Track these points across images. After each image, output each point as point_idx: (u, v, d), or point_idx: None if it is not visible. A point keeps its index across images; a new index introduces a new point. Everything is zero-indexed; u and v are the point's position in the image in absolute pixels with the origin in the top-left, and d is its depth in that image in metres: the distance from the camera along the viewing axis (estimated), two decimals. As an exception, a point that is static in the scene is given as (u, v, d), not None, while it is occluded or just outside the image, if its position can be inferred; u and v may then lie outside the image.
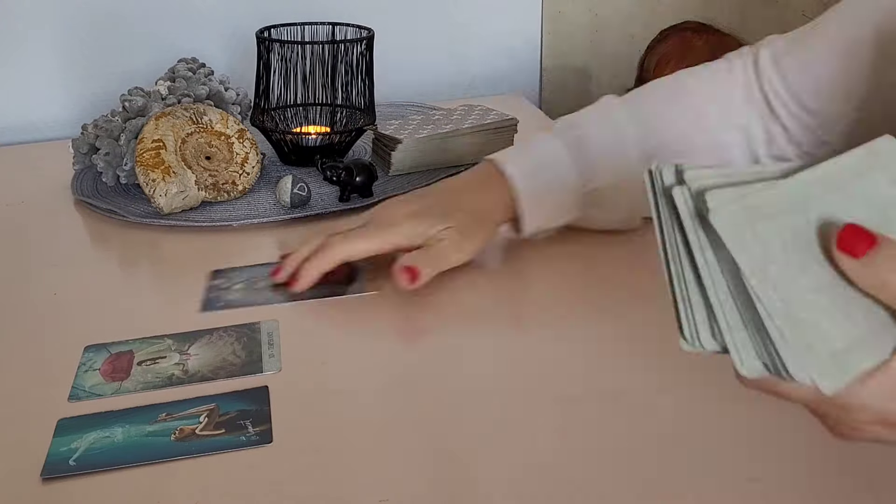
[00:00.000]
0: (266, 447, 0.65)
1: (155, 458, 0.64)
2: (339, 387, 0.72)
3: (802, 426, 0.52)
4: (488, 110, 1.21)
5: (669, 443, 0.64)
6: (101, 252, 1.01)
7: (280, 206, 1.04)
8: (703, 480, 0.60)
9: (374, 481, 0.61)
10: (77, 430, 0.67)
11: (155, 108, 1.10)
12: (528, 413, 0.68)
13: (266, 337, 0.78)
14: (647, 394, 0.70)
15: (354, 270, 0.87)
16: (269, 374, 0.73)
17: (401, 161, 1.12)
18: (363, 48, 1.14)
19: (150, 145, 1.02)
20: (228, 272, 0.89)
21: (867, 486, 0.59)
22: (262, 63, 1.14)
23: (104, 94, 1.35)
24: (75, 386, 0.72)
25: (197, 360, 0.76)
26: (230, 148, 1.06)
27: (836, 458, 0.61)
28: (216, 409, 0.69)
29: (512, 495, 0.60)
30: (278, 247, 0.98)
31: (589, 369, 0.74)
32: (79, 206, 1.08)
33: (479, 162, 0.90)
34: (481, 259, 0.87)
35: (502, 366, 0.75)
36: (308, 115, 1.17)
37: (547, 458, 0.63)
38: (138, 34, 1.38)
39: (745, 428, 0.65)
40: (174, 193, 1.01)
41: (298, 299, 0.84)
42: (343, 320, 0.83)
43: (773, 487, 0.59)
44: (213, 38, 1.40)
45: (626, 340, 0.77)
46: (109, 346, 0.78)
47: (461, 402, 0.70)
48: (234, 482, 0.62)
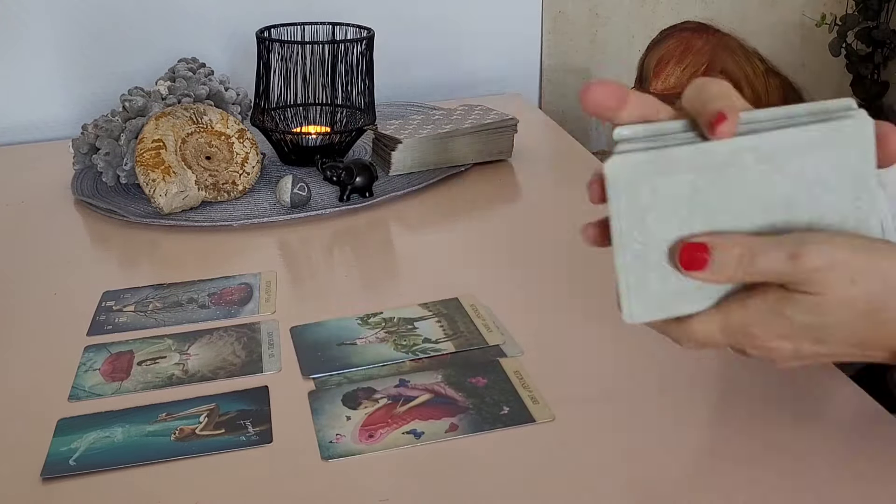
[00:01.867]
0: (266, 447, 0.65)
1: (155, 458, 0.64)
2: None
3: (802, 428, 0.52)
4: (488, 110, 1.21)
5: (670, 444, 0.64)
6: (101, 252, 1.01)
7: (280, 206, 1.04)
8: (703, 481, 0.60)
9: (374, 481, 0.61)
10: (77, 430, 0.67)
11: (155, 108, 1.10)
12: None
13: (266, 337, 0.78)
14: (646, 395, 0.70)
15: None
16: (269, 374, 0.73)
17: (401, 161, 1.12)
18: (363, 48, 1.14)
19: (150, 145, 1.02)
20: (120, 293, 0.87)
21: (868, 487, 0.59)
22: (262, 63, 1.14)
23: (104, 94, 1.35)
24: (75, 386, 0.72)
25: (197, 360, 0.76)
26: (230, 148, 1.06)
27: (837, 459, 0.62)
28: (216, 409, 0.69)
29: (512, 495, 0.60)
30: (278, 247, 0.98)
31: (589, 369, 0.74)
32: (79, 206, 1.08)
33: (478, 162, 0.89)
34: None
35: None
36: (308, 115, 1.17)
37: (547, 456, 0.63)
38: (138, 34, 1.38)
39: (746, 429, 0.65)
40: (174, 193, 1.01)
41: (192, 321, 0.83)
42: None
43: (773, 488, 0.59)
44: (213, 38, 1.40)
45: (626, 341, 0.78)
46: (109, 346, 0.78)
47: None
48: (234, 482, 0.62)
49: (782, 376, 0.71)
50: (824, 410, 0.67)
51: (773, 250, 0.49)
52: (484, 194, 1.10)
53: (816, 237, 0.49)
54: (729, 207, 0.50)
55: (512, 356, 0.75)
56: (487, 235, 1.00)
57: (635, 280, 0.51)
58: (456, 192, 1.11)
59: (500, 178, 1.15)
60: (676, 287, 0.51)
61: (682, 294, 0.51)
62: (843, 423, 0.65)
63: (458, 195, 1.10)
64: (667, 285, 0.51)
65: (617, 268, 0.51)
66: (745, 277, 0.50)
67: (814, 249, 0.48)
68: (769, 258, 0.49)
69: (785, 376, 0.71)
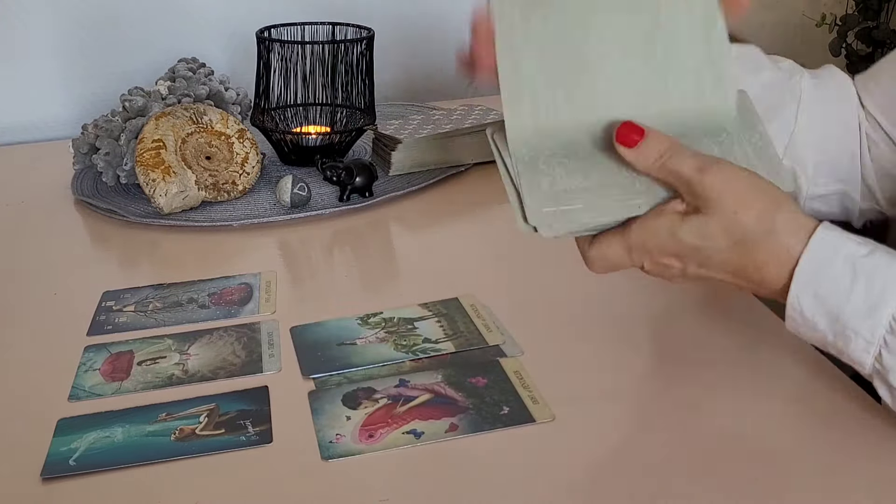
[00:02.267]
0: (266, 447, 0.65)
1: (155, 458, 0.64)
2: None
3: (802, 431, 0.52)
4: (488, 110, 1.21)
5: (670, 444, 0.64)
6: (101, 252, 1.01)
7: (280, 206, 1.04)
8: (703, 481, 0.60)
9: (374, 481, 0.61)
10: (77, 430, 0.67)
11: (155, 108, 1.10)
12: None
13: (266, 337, 0.78)
14: (646, 394, 0.70)
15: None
16: (269, 374, 0.73)
17: (401, 161, 1.12)
18: (363, 48, 1.14)
19: (150, 145, 1.02)
20: (120, 293, 0.87)
21: (868, 487, 0.59)
22: (262, 63, 1.14)
23: (104, 94, 1.35)
24: (75, 386, 0.72)
25: (197, 360, 0.76)
26: (230, 148, 1.06)
27: (837, 458, 0.62)
28: (216, 409, 0.69)
29: (512, 495, 0.60)
30: (278, 247, 0.98)
31: (589, 369, 0.74)
32: (79, 206, 1.08)
33: (478, 162, 0.89)
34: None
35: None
36: (308, 115, 1.17)
37: (547, 456, 0.63)
38: (138, 34, 1.38)
39: (746, 429, 0.65)
40: (174, 193, 1.01)
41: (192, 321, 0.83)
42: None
43: (773, 487, 0.59)
44: (213, 38, 1.40)
45: (626, 341, 0.78)
46: (109, 346, 0.78)
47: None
48: (234, 482, 0.62)
49: (782, 377, 0.71)
50: (824, 410, 0.67)
51: (690, 158, 0.57)
52: (484, 194, 1.10)
53: (726, 163, 0.57)
54: (594, 49, 0.59)
55: (512, 356, 0.74)
56: (487, 235, 1.00)
57: (527, 184, 0.59)
58: (456, 192, 1.11)
59: (500, 178, 1.15)
60: (563, 185, 0.59)
61: (567, 192, 0.58)
62: (842, 423, 0.65)
63: (458, 195, 1.10)
64: (554, 185, 0.58)
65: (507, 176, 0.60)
66: (657, 171, 0.58)
67: (717, 171, 0.56)
68: (684, 162, 0.57)
69: (786, 376, 0.71)
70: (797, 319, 0.59)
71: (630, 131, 0.58)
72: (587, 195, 0.58)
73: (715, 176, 0.56)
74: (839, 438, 0.63)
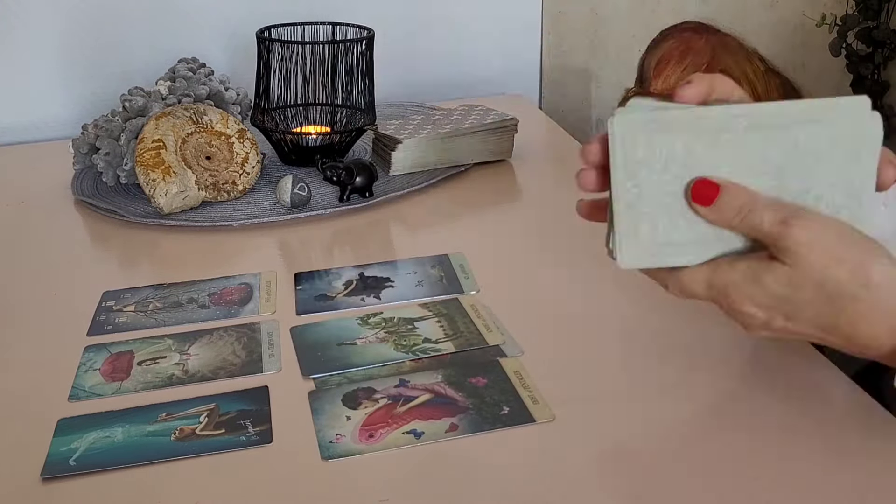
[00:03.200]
0: (266, 447, 0.65)
1: (155, 458, 0.64)
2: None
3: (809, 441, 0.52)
4: (488, 110, 1.21)
5: (670, 444, 0.64)
6: (101, 252, 1.01)
7: (280, 206, 1.04)
8: (703, 481, 0.60)
9: (374, 481, 0.61)
10: (77, 430, 0.67)
11: (155, 108, 1.10)
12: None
13: (266, 337, 0.78)
14: (646, 394, 0.70)
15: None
16: (269, 374, 0.73)
17: (401, 161, 1.12)
18: (363, 48, 1.14)
19: (150, 145, 1.02)
20: (120, 293, 0.87)
21: (867, 487, 0.59)
22: (262, 63, 1.14)
23: (104, 94, 1.35)
24: (75, 386, 0.72)
25: (197, 360, 0.76)
26: (230, 148, 1.06)
27: (837, 458, 0.62)
28: (216, 409, 0.69)
29: (512, 495, 0.60)
30: (278, 247, 0.98)
31: (589, 369, 0.74)
32: (79, 206, 1.08)
33: (478, 162, 0.89)
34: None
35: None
36: (308, 115, 1.17)
37: (547, 456, 0.63)
38: (138, 34, 1.38)
39: (746, 429, 0.65)
40: (174, 193, 1.01)
41: (192, 322, 0.83)
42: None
43: (773, 487, 0.59)
44: (213, 38, 1.40)
45: (626, 341, 0.78)
46: (109, 346, 0.78)
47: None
48: (234, 482, 0.62)
49: (783, 376, 0.71)
50: (824, 410, 0.67)
51: (770, 211, 0.53)
52: (484, 194, 1.10)
53: (812, 214, 0.53)
54: (719, 169, 0.54)
55: (512, 356, 0.74)
56: (487, 235, 1.00)
57: (626, 228, 0.55)
58: (456, 192, 1.11)
59: (500, 178, 1.15)
60: (665, 238, 0.55)
61: (669, 246, 0.55)
62: (842, 423, 0.65)
63: (458, 195, 1.10)
64: (656, 236, 0.55)
65: (611, 216, 0.55)
66: (738, 226, 0.54)
67: (804, 224, 0.52)
68: (764, 216, 0.53)
69: (786, 376, 0.71)
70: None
71: (704, 187, 0.54)
72: (689, 252, 0.56)
73: (800, 231, 0.52)
74: (839, 438, 0.63)
